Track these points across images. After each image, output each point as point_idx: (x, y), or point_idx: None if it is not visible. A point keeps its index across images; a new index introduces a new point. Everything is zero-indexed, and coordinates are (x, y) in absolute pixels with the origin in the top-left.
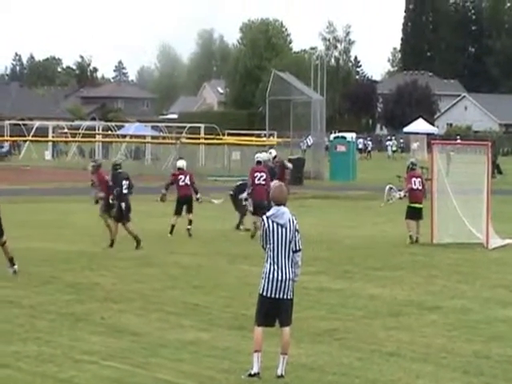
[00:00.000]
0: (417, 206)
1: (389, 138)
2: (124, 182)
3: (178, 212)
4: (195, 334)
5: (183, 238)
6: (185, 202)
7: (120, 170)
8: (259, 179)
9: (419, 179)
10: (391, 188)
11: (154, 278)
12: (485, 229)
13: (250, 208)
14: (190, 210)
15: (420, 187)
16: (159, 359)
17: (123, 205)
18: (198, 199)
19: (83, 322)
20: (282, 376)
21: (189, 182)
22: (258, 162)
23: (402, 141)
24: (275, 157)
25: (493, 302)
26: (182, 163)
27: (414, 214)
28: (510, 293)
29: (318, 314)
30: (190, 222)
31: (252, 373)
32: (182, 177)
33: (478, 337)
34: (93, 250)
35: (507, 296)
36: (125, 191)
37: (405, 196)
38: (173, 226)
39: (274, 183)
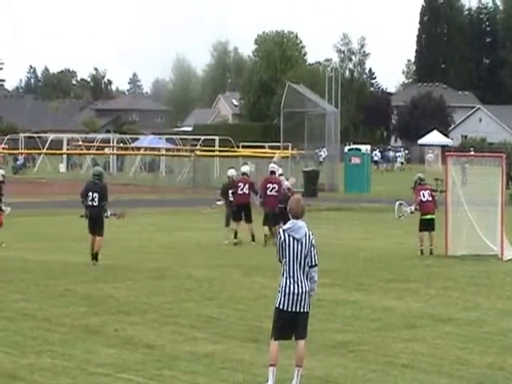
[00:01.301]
0: (428, 217)
1: (399, 149)
2: (91, 194)
3: (236, 218)
4: (209, 346)
5: (195, 251)
6: (242, 210)
7: (96, 181)
8: (271, 190)
9: (428, 191)
10: (401, 204)
11: (168, 291)
12: (499, 240)
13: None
14: (248, 220)
15: (430, 198)
16: (173, 372)
17: (88, 217)
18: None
19: (97, 334)
20: None
21: (247, 191)
22: (272, 172)
23: (406, 151)
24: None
25: (508, 314)
26: (246, 168)
27: (427, 225)
28: None
29: (332, 327)
30: (253, 238)
31: None
32: (241, 185)
33: (492, 348)
34: (107, 262)
35: None
36: (90, 203)
37: (416, 209)
38: (236, 232)
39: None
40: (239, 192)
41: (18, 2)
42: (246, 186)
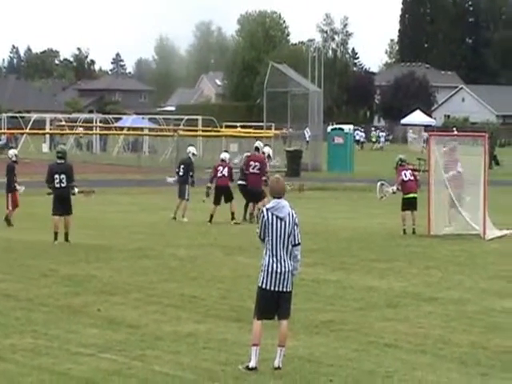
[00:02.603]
0: (411, 195)
1: (381, 129)
2: (57, 176)
3: (215, 202)
4: (192, 326)
5: (179, 231)
6: (221, 193)
7: (60, 161)
8: (253, 168)
9: (409, 171)
10: (383, 184)
11: (151, 271)
12: (482, 220)
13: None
14: (228, 199)
15: (411, 178)
16: (156, 351)
17: (55, 198)
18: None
19: (80, 314)
20: (279, 368)
21: (226, 174)
22: (256, 149)
23: (383, 133)
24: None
25: (490, 293)
26: (225, 155)
27: (409, 204)
28: (507, 284)
29: (315, 306)
30: (233, 216)
31: (250, 366)
32: (221, 168)
33: (475, 328)
34: (90, 242)
35: (504, 287)
36: (58, 185)
37: (398, 190)
38: (211, 216)
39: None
40: (219, 175)
41: None
42: (226, 169)
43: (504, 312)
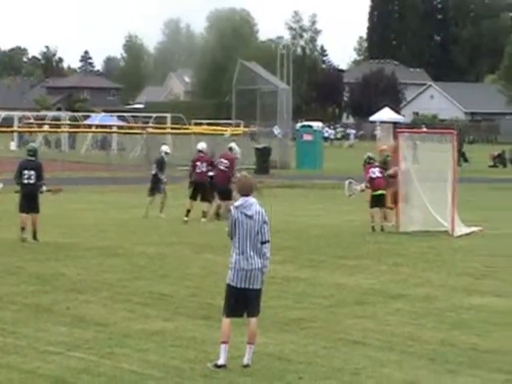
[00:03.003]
0: (379, 192)
1: (352, 127)
2: (26, 172)
3: (192, 197)
4: (161, 323)
5: (148, 228)
6: (199, 189)
7: (30, 158)
8: (222, 165)
9: (377, 168)
10: (351, 182)
11: (120, 268)
12: (450, 217)
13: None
14: (204, 199)
15: (379, 175)
16: (124, 349)
17: (22, 195)
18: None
19: (48, 312)
20: (248, 365)
21: (205, 169)
22: (230, 149)
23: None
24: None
25: (458, 290)
26: (202, 145)
27: (378, 201)
28: (475, 280)
29: (284, 304)
30: (204, 214)
31: (218, 364)
32: (199, 163)
33: (443, 325)
34: (58, 240)
35: (472, 284)
36: (26, 181)
37: (366, 187)
38: (188, 211)
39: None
40: (197, 170)
41: None
42: (204, 164)
43: (472, 309)
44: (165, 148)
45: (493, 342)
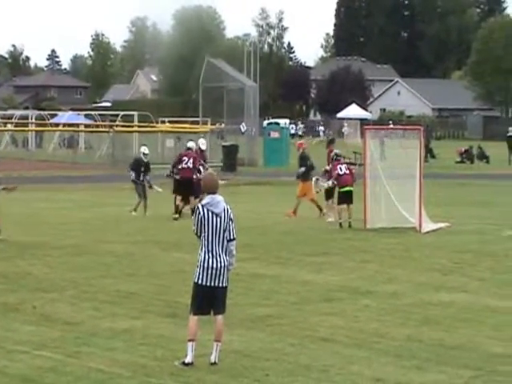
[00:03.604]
0: (347, 189)
1: (321, 123)
2: None
3: (176, 191)
4: (128, 322)
5: (114, 227)
6: (184, 184)
7: None
8: (186, 163)
9: (344, 165)
10: (318, 179)
11: (87, 267)
12: (418, 213)
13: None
14: (185, 197)
15: (347, 171)
16: (92, 348)
17: None
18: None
19: (15, 311)
20: (215, 363)
21: (191, 165)
22: (188, 149)
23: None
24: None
25: (426, 286)
26: (191, 144)
27: (346, 197)
28: (442, 276)
29: (251, 301)
30: (178, 211)
31: (186, 362)
32: (186, 159)
33: (410, 321)
34: (24, 239)
35: (440, 280)
36: None
37: (333, 184)
38: (177, 207)
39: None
40: (184, 166)
41: None
42: (191, 160)
43: (439, 305)
44: (142, 149)
45: (460, 338)
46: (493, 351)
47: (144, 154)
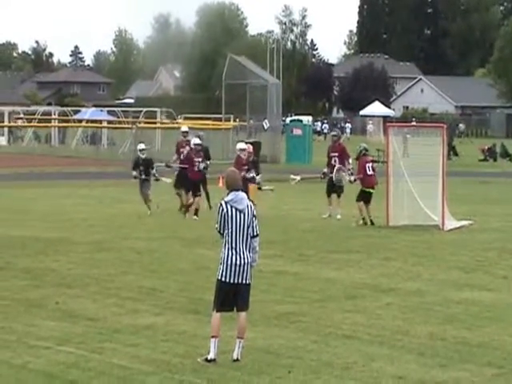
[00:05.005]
0: (371, 191)
1: (348, 120)
2: None
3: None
4: (151, 318)
5: (137, 223)
6: (196, 183)
7: None
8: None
9: (371, 164)
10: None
11: (109, 263)
12: (440, 211)
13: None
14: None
15: (373, 172)
16: (114, 344)
17: None
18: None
19: (38, 307)
20: (237, 360)
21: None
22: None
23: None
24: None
25: (448, 284)
26: (197, 140)
27: (367, 198)
28: (465, 274)
29: (273, 298)
30: (185, 207)
31: (209, 358)
32: (196, 158)
33: (433, 319)
34: (48, 235)
35: (462, 278)
36: None
37: (355, 180)
38: (187, 206)
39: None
40: (195, 169)
41: None
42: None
43: (462, 303)
44: (139, 146)
45: (482, 336)
46: None
47: (140, 150)
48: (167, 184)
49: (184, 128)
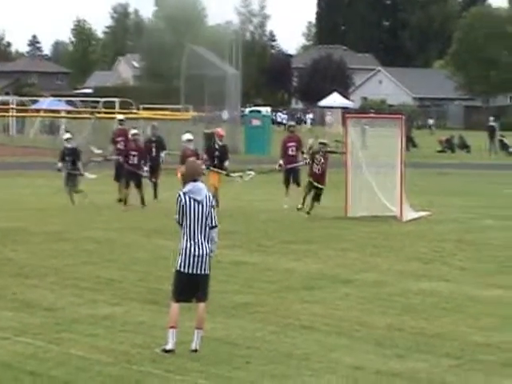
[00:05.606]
0: (319, 186)
1: (308, 111)
2: None
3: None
4: (109, 308)
5: (95, 214)
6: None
7: None
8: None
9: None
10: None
11: (67, 254)
12: (399, 202)
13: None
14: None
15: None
16: (72, 334)
17: None
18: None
19: None
20: (196, 350)
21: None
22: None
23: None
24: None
25: (406, 275)
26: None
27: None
28: (423, 265)
29: (232, 288)
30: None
31: (167, 349)
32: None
33: (391, 309)
34: (5, 225)
35: (420, 268)
36: None
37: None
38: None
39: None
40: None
41: None
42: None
43: (420, 294)
44: (65, 136)
45: (440, 327)
46: (473, 340)
47: (66, 139)
48: (92, 180)
49: (120, 116)
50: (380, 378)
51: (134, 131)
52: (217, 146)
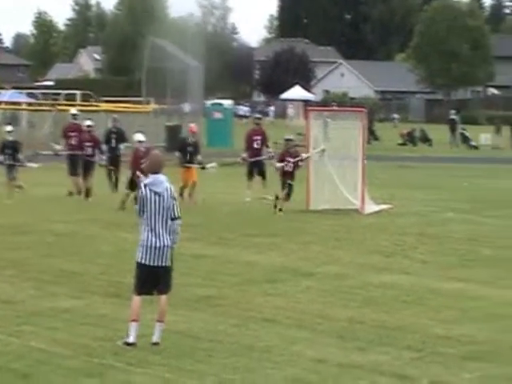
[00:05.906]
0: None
1: (270, 104)
2: None
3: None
4: (70, 301)
5: (55, 206)
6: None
7: None
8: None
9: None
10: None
11: (27, 246)
12: (360, 195)
13: None
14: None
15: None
16: (33, 327)
17: None
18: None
19: None
20: (157, 343)
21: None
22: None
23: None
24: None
25: (367, 268)
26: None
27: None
28: (384, 258)
29: (194, 281)
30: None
31: (128, 342)
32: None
33: (352, 302)
34: None
35: (382, 261)
36: None
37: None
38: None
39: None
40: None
41: None
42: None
43: (381, 286)
44: (6, 128)
45: (402, 320)
46: (434, 333)
47: (7, 132)
48: (34, 169)
49: (73, 111)
50: (342, 370)
51: (88, 122)
52: (190, 142)
